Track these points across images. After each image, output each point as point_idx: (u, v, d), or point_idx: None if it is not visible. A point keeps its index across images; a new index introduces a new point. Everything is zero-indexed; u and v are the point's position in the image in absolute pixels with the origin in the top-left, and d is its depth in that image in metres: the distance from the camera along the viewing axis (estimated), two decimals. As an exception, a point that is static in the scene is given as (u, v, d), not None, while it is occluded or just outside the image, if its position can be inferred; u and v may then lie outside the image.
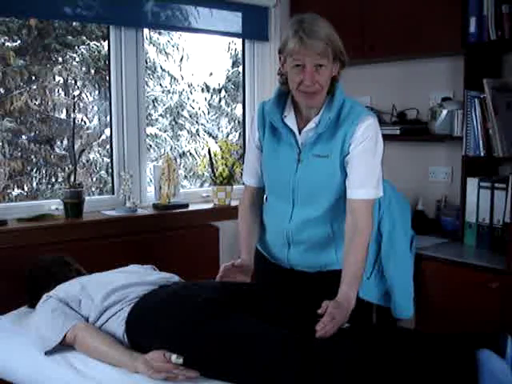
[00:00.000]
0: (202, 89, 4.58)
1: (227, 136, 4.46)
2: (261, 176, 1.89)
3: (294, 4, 3.27)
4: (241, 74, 3.51)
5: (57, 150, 3.86)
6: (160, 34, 4.28)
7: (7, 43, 3.41)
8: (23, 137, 3.68)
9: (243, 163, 2.00)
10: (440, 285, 2.39)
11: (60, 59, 3.74)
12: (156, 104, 4.48)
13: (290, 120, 1.75)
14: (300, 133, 1.74)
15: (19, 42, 3.48)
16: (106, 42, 2.88)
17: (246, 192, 1.96)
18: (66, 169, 3.65)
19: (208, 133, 4.66)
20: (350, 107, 1.71)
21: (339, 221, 1.75)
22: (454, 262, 2.33)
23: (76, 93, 3.90)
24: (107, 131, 3.53)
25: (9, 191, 3.61)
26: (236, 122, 4.48)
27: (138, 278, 1.83)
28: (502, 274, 2.18)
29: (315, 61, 1.61)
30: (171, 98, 4.54)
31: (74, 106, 3.91)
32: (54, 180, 3.83)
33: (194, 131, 4.66)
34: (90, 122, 3.98)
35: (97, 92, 3.87)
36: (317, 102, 1.69)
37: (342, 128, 1.69)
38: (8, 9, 2.47)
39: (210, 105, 4.63)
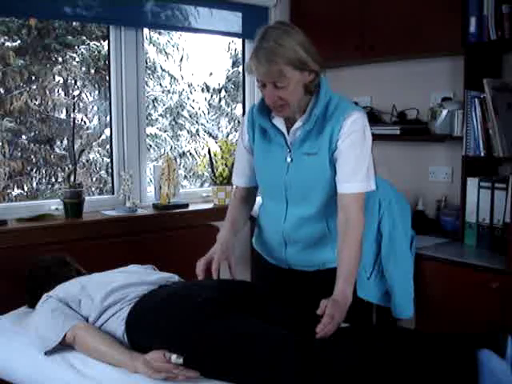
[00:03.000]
0: (202, 89, 4.58)
1: (227, 136, 4.46)
2: (249, 177, 1.90)
3: (294, 4, 3.27)
4: (241, 74, 3.51)
5: (57, 150, 3.86)
6: (160, 33, 4.28)
7: (7, 43, 3.41)
8: (23, 137, 3.68)
9: (233, 168, 2.02)
10: (440, 285, 2.39)
11: (60, 59, 3.74)
12: (156, 104, 4.48)
13: (278, 120, 1.75)
14: (288, 132, 1.74)
15: (19, 41, 3.48)
16: (106, 41, 2.89)
17: (235, 193, 1.98)
18: (66, 169, 3.65)
19: (208, 133, 4.67)
20: (337, 103, 1.71)
21: (335, 218, 1.75)
22: (453, 262, 2.33)
23: (76, 93, 3.91)
24: (107, 131, 3.53)
25: (9, 191, 3.61)
26: (236, 121, 4.48)
27: (138, 278, 1.83)
28: (502, 274, 2.18)
29: (275, 82, 1.60)
30: (171, 98, 4.54)
31: (74, 106, 3.91)
32: (53, 180, 3.83)
33: (194, 131, 4.66)
34: (89, 122, 3.98)
35: (97, 92, 3.87)
36: (286, 113, 1.70)
37: (329, 124, 1.69)
38: (8, 9, 2.47)
39: (210, 105, 4.63)
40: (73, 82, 3.88)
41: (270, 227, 1.88)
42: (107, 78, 2.94)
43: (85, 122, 3.94)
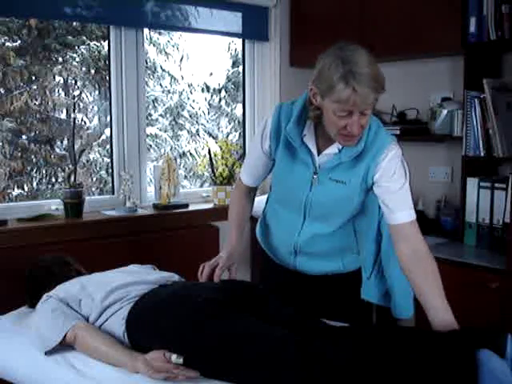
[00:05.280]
0: (202, 89, 4.57)
1: (227, 136, 4.45)
2: (260, 177, 1.88)
3: (294, 4, 3.27)
4: (241, 74, 3.51)
5: (57, 150, 3.85)
6: (160, 33, 4.27)
7: (7, 43, 3.41)
8: (23, 137, 3.68)
9: (243, 163, 1.96)
10: (440, 285, 2.39)
11: (60, 59, 3.73)
12: (156, 104, 4.48)
13: (310, 140, 1.66)
14: (319, 154, 1.67)
15: (19, 41, 3.47)
16: (106, 41, 2.89)
17: (240, 186, 1.93)
18: (66, 169, 3.64)
19: (208, 133, 4.66)
20: (375, 133, 1.64)
21: (348, 235, 1.78)
22: (454, 262, 2.33)
23: (76, 93, 3.90)
24: (107, 131, 3.53)
25: (9, 191, 3.61)
26: (236, 121, 4.47)
27: (138, 278, 1.83)
28: (501, 274, 2.18)
29: (364, 110, 1.50)
30: (171, 98, 4.54)
31: (74, 106, 3.91)
32: (54, 180, 3.83)
33: (194, 131, 4.65)
34: (90, 122, 3.97)
35: (97, 92, 3.87)
36: (355, 142, 1.61)
37: (365, 159, 1.62)
38: (8, 9, 2.47)
39: (210, 105, 4.62)
40: (73, 82, 3.87)
41: (281, 235, 1.86)
42: (107, 78, 2.94)
43: (85, 122, 3.94)
